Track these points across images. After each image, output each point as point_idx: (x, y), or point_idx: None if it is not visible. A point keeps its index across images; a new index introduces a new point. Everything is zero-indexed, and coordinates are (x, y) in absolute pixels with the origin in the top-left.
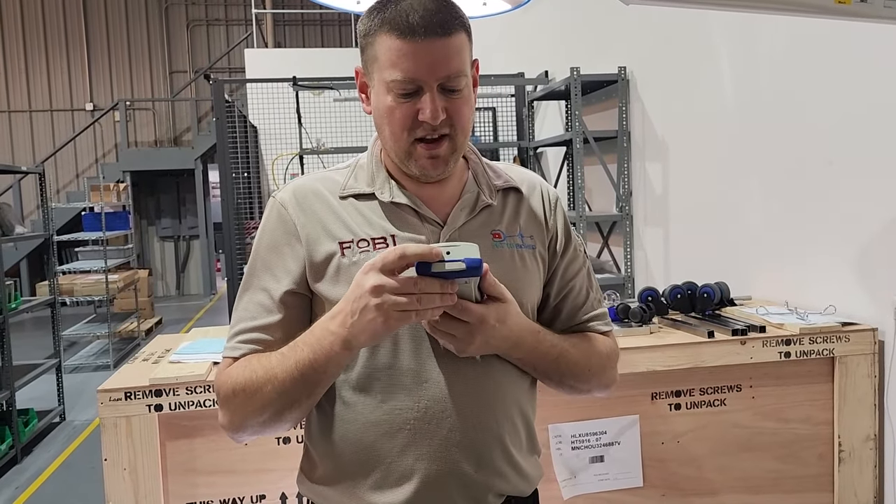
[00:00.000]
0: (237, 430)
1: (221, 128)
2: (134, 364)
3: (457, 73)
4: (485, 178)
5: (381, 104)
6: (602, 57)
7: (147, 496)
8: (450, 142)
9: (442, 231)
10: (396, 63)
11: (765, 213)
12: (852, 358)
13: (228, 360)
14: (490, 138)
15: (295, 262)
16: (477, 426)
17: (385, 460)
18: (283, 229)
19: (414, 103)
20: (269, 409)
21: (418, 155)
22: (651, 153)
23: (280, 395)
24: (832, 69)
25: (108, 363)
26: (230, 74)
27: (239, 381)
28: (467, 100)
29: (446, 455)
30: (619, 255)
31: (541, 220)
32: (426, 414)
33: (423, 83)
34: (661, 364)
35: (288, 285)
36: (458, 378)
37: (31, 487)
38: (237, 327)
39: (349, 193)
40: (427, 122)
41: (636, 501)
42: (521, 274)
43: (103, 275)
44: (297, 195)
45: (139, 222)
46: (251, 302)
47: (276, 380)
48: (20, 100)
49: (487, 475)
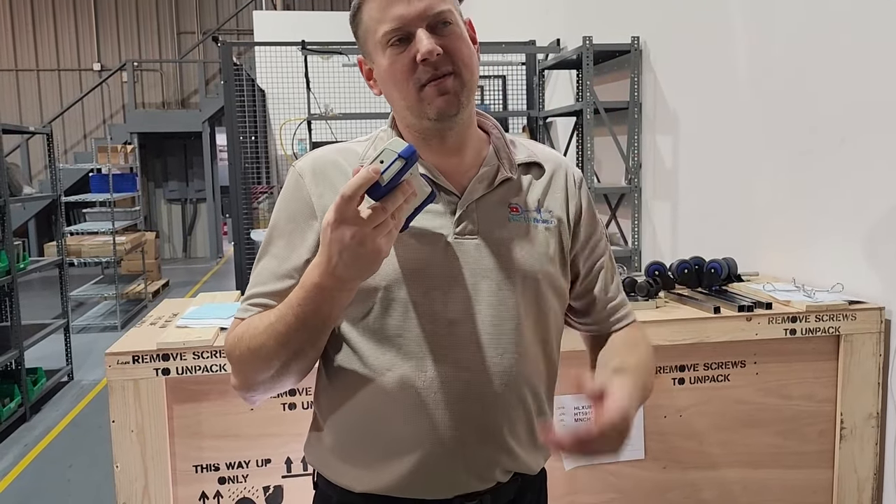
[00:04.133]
0: (248, 389)
1: (229, 91)
2: (141, 328)
3: (443, 12)
4: (506, 153)
5: (383, 68)
6: (615, 26)
7: (154, 458)
8: (455, 77)
9: (459, 202)
10: (383, 17)
11: (774, 189)
12: (858, 336)
13: (237, 321)
14: (500, 107)
15: (310, 231)
16: (487, 401)
17: (391, 431)
18: (300, 198)
19: (409, 49)
20: (275, 363)
21: (429, 97)
22: (662, 125)
23: (283, 348)
24: (848, 45)
25: (115, 324)
26: (238, 37)
27: (244, 339)
28: (463, 38)
29: (453, 429)
30: (627, 227)
31: (565, 198)
32: (434, 385)
33: (411, 27)
34: (666, 338)
35: (301, 254)
36: (471, 349)
37: (39, 445)
38: (250, 291)
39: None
40: (426, 56)
41: (637, 473)
42: (536, 248)
43: (111, 236)
44: (316, 166)
45: (146, 184)
46: (265, 269)
47: (278, 333)
48: (27, 58)
49: (494, 451)
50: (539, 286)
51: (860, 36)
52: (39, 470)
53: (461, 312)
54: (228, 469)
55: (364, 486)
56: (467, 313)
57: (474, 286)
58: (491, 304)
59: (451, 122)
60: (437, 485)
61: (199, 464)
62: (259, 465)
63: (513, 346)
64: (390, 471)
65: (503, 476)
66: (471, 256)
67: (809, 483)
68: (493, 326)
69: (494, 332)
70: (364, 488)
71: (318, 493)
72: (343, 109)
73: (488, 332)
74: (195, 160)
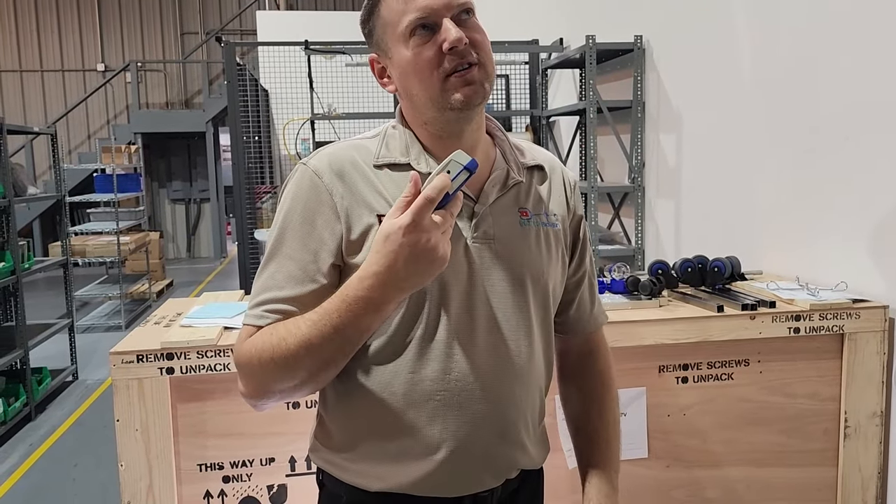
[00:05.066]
0: (261, 397)
1: (233, 91)
2: (146, 327)
3: (466, 3)
4: (512, 156)
5: (404, 60)
6: (618, 25)
7: (158, 456)
8: (480, 68)
9: (475, 206)
10: (408, 8)
11: (778, 188)
12: (862, 335)
13: (251, 328)
14: (503, 106)
15: (330, 233)
16: (504, 401)
17: (410, 431)
18: (317, 198)
19: (435, 39)
20: (301, 374)
21: (453, 86)
22: (665, 125)
23: (314, 360)
24: (852, 44)
25: (119, 324)
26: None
27: (266, 349)
28: (483, 30)
29: (474, 428)
30: (630, 226)
31: (564, 200)
32: (456, 386)
33: (437, 18)
34: (670, 337)
35: (322, 257)
36: (489, 353)
37: (44, 444)
38: (263, 296)
39: (384, 163)
40: (454, 45)
41: (641, 472)
42: (545, 253)
43: (115, 236)
44: (334, 164)
45: (150, 184)
46: (279, 271)
47: (311, 344)
48: (32, 59)
49: (513, 450)
50: (548, 288)
51: (864, 34)
52: (44, 469)
53: (479, 314)
54: (232, 468)
55: (381, 486)
56: (485, 315)
57: (491, 289)
58: (507, 306)
59: (472, 114)
60: (457, 483)
61: (203, 462)
62: (263, 464)
63: (526, 347)
64: (410, 470)
65: (516, 472)
66: (487, 259)
67: (813, 481)
68: (509, 328)
69: (510, 334)
70: (380, 487)
71: (325, 492)
72: (346, 109)
73: (505, 334)
74: (199, 160)
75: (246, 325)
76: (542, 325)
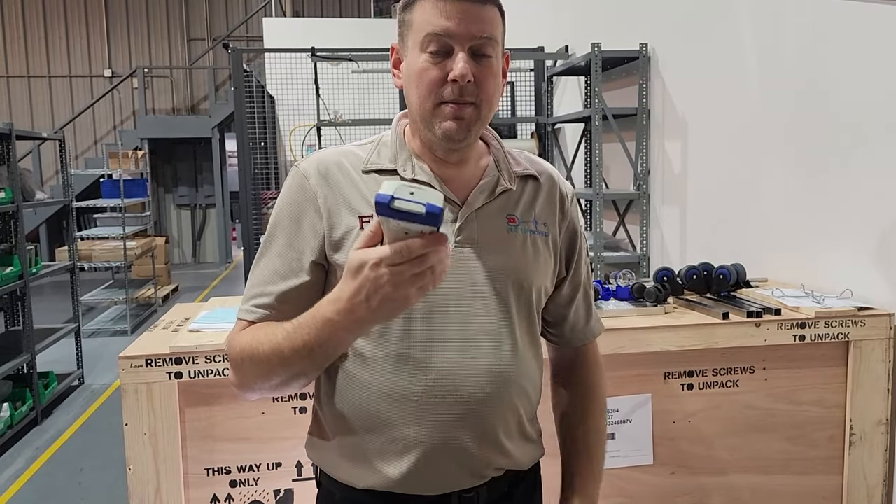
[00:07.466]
0: (246, 390)
1: (239, 97)
2: (154, 332)
3: (489, 38)
4: (505, 165)
5: (413, 67)
6: (624, 33)
7: (166, 461)
8: (475, 109)
9: (460, 211)
10: (432, 20)
11: (783, 195)
12: (867, 342)
13: (243, 322)
14: (508, 113)
15: (313, 232)
16: (483, 403)
17: (390, 429)
18: (303, 198)
19: (444, 65)
20: (276, 379)
21: (443, 114)
22: (670, 132)
23: (286, 369)
24: (858, 50)
25: (125, 328)
26: (248, 43)
27: (246, 349)
28: (495, 73)
29: (450, 429)
30: (635, 233)
31: (557, 210)
32: (434, 386)
33: (455, 43)
34: (675, 344)
35: (306, 254)
36: (470, 354)
37: (51, 448)
38: (253, 290)
39: (372, 168)
40: (457, 79)
41: (646, 479)
42: (531, 259)
43: (121, 241)
44: (321, 167)
45: (156, 190)
46: (267, 268)
47: (283, 355)
48: (39, 65)
49: (489, 451)
50: (532, 294)
51: (871, 41)
52: (51, 473)
53: (461, 317)
54: (240, 472)
55: (365, 483)
56: (466, 319)
57: (473, 293)
58: (489, 310)
59: (455, 146)
60: (435, 482)
61: (210, 467)
62: (270, 469)
63: (509, 351)
64: (390, 469)
65: (495, 473)
66: (470, 264)
67: (818, 489)
68: (491, 332)
69: (492, 338)
70: (365, 485)
71: (322, 490)
72: (352, 116)
73: (486, 338)
74: (205, 166)
75: (238, 318)
76: (529, 329)
